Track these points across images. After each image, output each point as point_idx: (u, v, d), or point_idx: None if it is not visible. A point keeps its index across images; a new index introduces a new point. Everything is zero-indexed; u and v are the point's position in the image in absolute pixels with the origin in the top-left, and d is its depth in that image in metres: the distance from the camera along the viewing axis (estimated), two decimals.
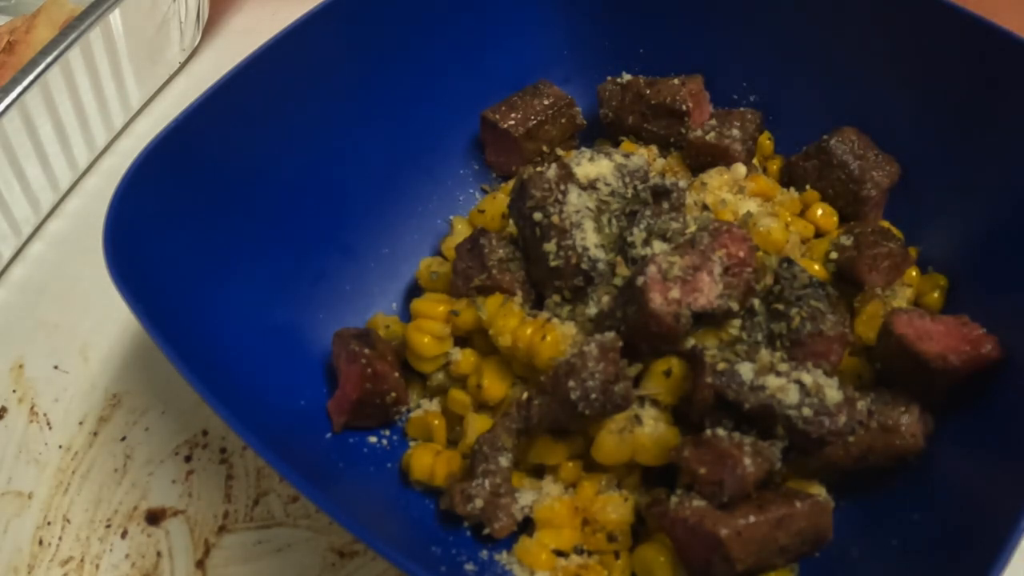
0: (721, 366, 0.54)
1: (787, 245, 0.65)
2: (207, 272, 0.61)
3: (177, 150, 0.61)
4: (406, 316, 0.68)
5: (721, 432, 0.54)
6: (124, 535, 0.65)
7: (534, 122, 0.73)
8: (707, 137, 0.70)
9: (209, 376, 0.52)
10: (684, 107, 0.72)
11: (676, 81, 0.74)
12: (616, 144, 0.76)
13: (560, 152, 0.75)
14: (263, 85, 0.65)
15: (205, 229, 0.62)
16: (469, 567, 0.56)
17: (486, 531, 0.57)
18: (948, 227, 0.67)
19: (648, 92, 0.73)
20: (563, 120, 0.75)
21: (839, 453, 0.56)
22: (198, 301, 0.60)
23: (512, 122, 0.73)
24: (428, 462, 0.60)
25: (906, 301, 0.64)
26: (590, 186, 0.62)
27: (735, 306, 0.57)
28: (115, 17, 0.80)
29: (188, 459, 0.68)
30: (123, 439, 0.70)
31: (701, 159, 0.71)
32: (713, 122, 0.72)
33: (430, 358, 0.63)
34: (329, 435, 0.62)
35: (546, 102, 0.74)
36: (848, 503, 0.58)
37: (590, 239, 0.60)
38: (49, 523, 0.66)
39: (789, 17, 0.73)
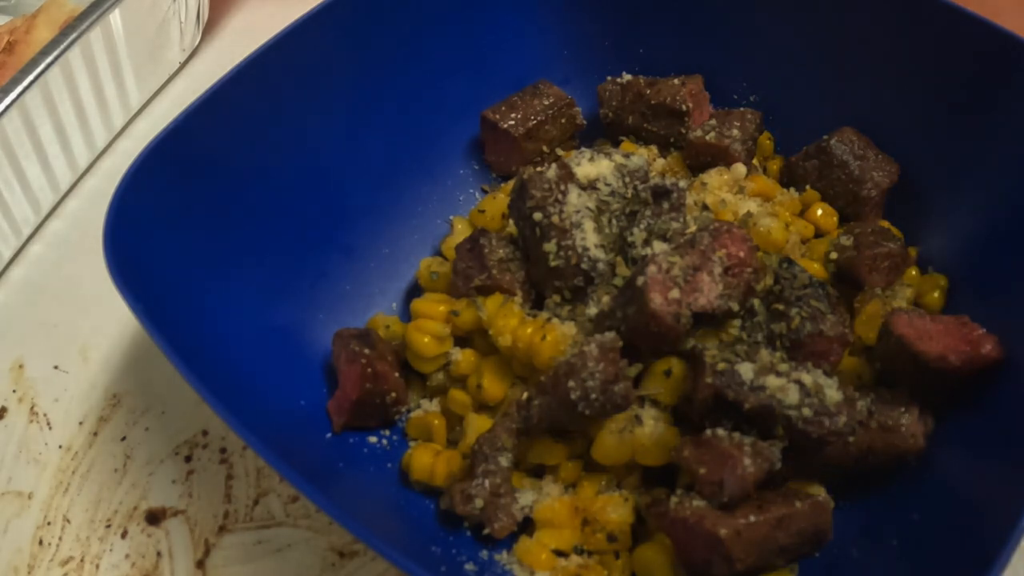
0: (721, 366, 0.54)
1: (787, 245, 0.65)
2: (207, 272, 0.61)
3: (177, 150, 0.61)
4: (406, 316, 0.68)
5: (721, 432, 0.54)
6: (124, 535, 0.65)
7: (534, 122, 0.73)
8: (707, 137, 0.70)
9: (209, 376, 0.52)
10: (684, 107, 0.72)
11: (676, 81, 0.74)
12: (616, 144, 0.76)
13: (560, 152, 0.75)
14: (263, 85, 0.65)
15: (205, 229, 0.62)
16: (469, 567, 0.56)
17: (486, 531, 0.57)
18: (948, 227, 0.67)
19: (648, 92, 0.73)
20: (563, 120, 0.75)
21: (839, 453, 0.56)
22: (198, 301, 0.60)
23: (512, 122, 0.73)
24: (428, 462, 0.60)
25: (906, 301, 0.64)
26: (590, 186, 0.62)
27: (735, 306, 0.57)
28: (115, 17, 0.80)
29: (188, 459, 0.68)
30: (123, 439, 0.70)
31: (701, 159, 0.71)
32: (713, 122, 0.71)
33: (430, 358, 0.63)
34: (329, 435, 0.62)
35: (546, 102, 0.74)
36: (848, 503, 0.58)
37: (590, 239, 0.60)
38: (49, 523, 0.66)
39: (789, 17, 0.73)
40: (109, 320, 0.75)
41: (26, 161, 0.76)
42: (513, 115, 0.74)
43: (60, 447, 0.69)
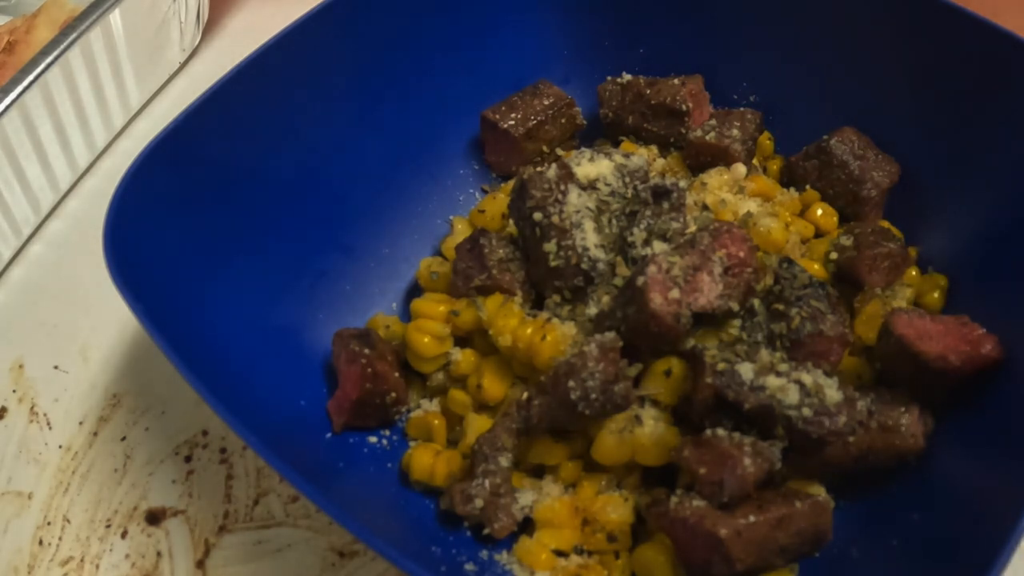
0: (721, 366, 0.54)
1: (787, 245, 0.65)
2: (207, 272, 0.61)
3: (177, 150, 0.61)
4: (406, 316, 0.68)
5: (721, 432, 0.54)
6: (124, 535, 0.65)
7: (534, 122, 0.73)
8: (707, 137, 0.70)
9: (209, 376, 0.52)
10: (684, 107, 0.72)
11: (676, 81, 0.74)
12: (616, 144, 0.76)
13: (560, 152, 0.75)
14: (263, 85, 0.65)
15: (205, 229, 0.62)
16: (469, 567, 0.56)
17: (486, 531, 0.57)
18: (948, 227, 0.67)
19: (648, 92, 0.73)
20: (563, 120, 0.75)
21: (839, 453, 0.56)
22: (198, 301, 0.60)
23: (512, 122, 0.73)
24: (428, 462, 0.60)
25: (906, 301, 0.64)
26: (590, 186, 0.62)
27: (735, 306, 0.57)
28: (115, 17, 0.80)
29: (188, 459, 0.68)
30: (123, 439, 0.70)
31: (701, 159, 0.71)
32: (713, 122, 0.71)
33: (430, 358, 0.63)
34: (329, 435, 0.62)
35: (546, 102, 0.74)
36: (848, 503, 0.58)
37: (590, 239, 0.60)
38: (49, 523, 0.66)
39: (789, 17, 0.73)
40: (109, 320, 0.75)
41: (26, 161, 0.76)
42: (513, 115, 0.74)
43: (60, 447, 0.69)
